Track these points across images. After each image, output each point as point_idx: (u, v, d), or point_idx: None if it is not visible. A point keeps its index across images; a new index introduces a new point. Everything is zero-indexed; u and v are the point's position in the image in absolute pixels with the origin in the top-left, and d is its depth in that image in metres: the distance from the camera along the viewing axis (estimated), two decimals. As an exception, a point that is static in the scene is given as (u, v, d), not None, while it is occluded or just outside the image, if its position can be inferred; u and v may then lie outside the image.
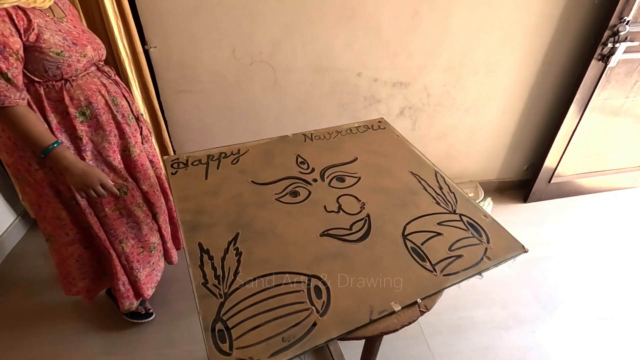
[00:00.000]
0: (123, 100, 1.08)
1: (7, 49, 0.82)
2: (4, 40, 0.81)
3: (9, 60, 0.82)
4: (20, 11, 0.85)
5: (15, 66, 0.84)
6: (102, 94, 1.02)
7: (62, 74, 0.94)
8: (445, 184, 1.06)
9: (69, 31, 0.94)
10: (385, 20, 1.46)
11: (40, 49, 0.88)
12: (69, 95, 0.96)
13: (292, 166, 1.08)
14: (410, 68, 1.60)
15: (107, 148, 1.06)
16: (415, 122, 1.79)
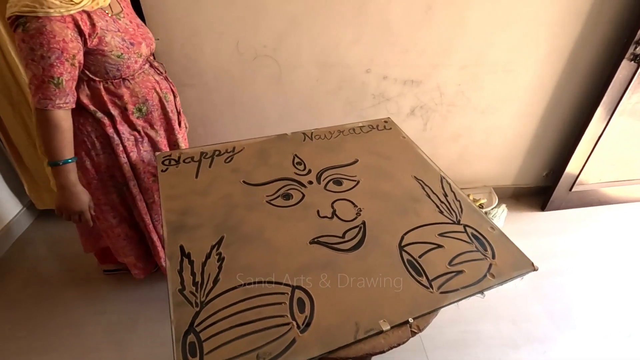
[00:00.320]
0: (171, 95, 1.14)
1: (65, 54, 0.84)
2: (64, 45, 0.83)
3: (64, 65, 0.85)
4: (85, 15, 0.87)
5: (68, 71, 0.86)
6: (157, 91, 1.08)
7: (121, 74, 0.99)
8: (451, 191, 0.98)
9: (126, 29, 0.98)
10: (396, 14, 1.38)
11: (102, 52, 0.92)
12: (129, 91, 1.02)
13: (287, 167, 1.03)
14: (422, 65, 1.52)
15: (159, 142, 1.14)
16: (427, 123, 1.70)
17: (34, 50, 0.81)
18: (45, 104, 0.86)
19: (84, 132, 1.03)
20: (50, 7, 0.80)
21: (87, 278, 1.53)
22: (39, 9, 0.79)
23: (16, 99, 1.43)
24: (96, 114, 1.01)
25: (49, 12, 0.80)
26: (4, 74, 1.36)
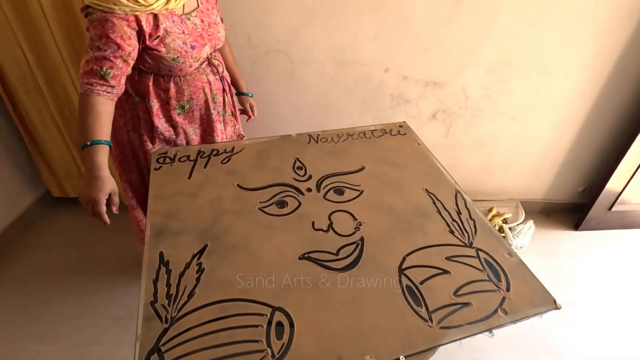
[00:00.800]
0: (221, 96, 1.11)
1: (120, 50, 0.86)
2: (121, 42, 0.85)
3: (116, 60, 0.86)
4: (150, 15, 0.88)
5: (119, 66, 0.87)
6: (205, 92, 1.06)
7: (173, 74, 0.99)
8: (465, 208, 0.88)
9: (193, 30, 0.97)
10: (420, 9, 1.27)
11: (159, 52, 0.92)
12: (176, 88, 1.01)
13: (287, 171, 0.95)
14: (446, 66, 1.40)
15: (193, 140, 1.11)
16: (450, 128, 1.58)
17: (92, 40, 0.85)
18: (85, 89, 0.86)
19: (123, 107, 1.04)
20: (115, 4, 0.82)
21: (96, 269, 1.54)
22: (103, 4, 0.82)
23: (32, 87, 1.44)
24: (136, 98, 1.01)
25: (113, 9, 0.83)
26: (21, 63, 1.38)
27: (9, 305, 1.40)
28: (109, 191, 0.86)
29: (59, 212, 1.82)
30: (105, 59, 0.85)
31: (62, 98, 1.48)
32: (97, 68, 0.85)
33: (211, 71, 1.07)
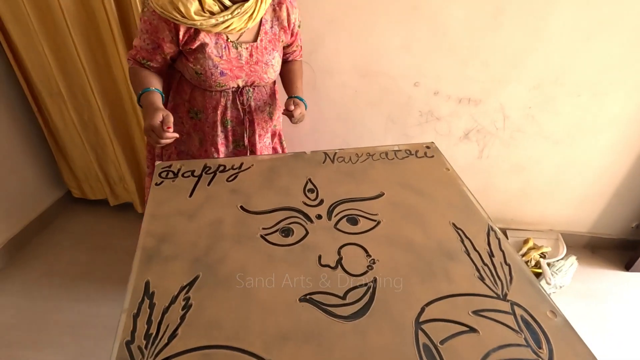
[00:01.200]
0: (238, 127, 1.08)
1: (160, 49, 0.94)
2: (162, 43, 0.92)
3: (156, 56, 0.95)
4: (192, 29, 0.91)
5: (158, 60, 0.96)
6: (217, 113, 1.05)
7: (193, 84, 1.03)
8: (499, 250, 0.75)
9: (232, 59, 0.97)
10: (456, 18, 1.15)
11: (187, 59, 0.96)
12: (190, 94, 1.04)
13: (296, 193, 0.86)
14: (484, 81, 1.27)
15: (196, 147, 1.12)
16: (484, 149, 1.43)
17: (141, 32, 0.93)
18: (130, 63, 0.99)
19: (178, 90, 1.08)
20: (162, 8, 0.85)
21: (104, 276, 1.52)
22: (156, 5, 0.86)
23: (55, 90, 1.45)
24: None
25: (162, 13, 0.86)
26: (45, 65, 1.38)
27: (15, 307, 1.40)
28: (162, 115, 0.87)
29: (76, 213, 1.83)
30: (147, 52, 0.95)
31: (81, 102, 1.48)
32: (139, 57, 0.97)
33: (235, 99, 1.04)
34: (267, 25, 0.99)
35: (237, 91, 1.04)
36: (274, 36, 1.01)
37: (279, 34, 1.01)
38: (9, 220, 1.59)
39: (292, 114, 1.02)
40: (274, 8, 0.99)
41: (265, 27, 0.99)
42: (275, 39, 1.01)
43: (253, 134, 1.11)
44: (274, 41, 1.01)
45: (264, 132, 1.14)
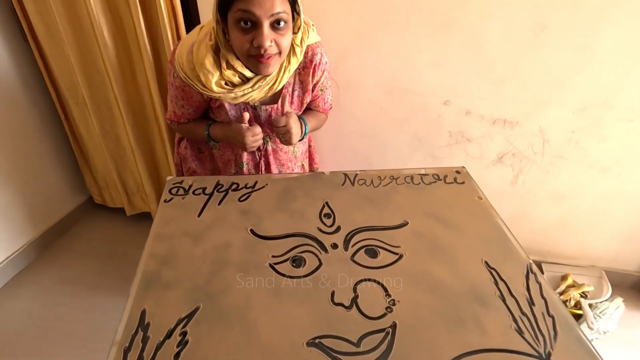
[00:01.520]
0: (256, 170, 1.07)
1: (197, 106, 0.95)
2: (197, 105, 0.94)
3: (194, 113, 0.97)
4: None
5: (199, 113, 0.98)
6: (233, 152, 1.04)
7: None
8: (540, 297, 0.65)
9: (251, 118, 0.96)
10: (494, 34, 1.07)
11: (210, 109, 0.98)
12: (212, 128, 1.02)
13: (311, 217, 0.80)
14: (521, 102, 1.17)
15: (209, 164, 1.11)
16: (519, 175, 1.32)
17: (176, 97, 0.93)
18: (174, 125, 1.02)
19: None
20: (186, 75, 0.85)
21: (115, 287, 1.50)
22: (180, 70, 0.86)
23: (80, 99, 1.47)
24: None
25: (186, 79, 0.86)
26: (72, 74, 1.41)
27: (26, 313, 1.39)
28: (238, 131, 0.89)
29: (96, 220, 1.84)
30: (188, 114, 0.97)
31: (104, 111, 1.49)
32: (184, 120, 0.99)
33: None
34: (290, 88, 0.95)
35: None
36: (297, 99, 0.96)
37: (302, 97, 0.97)
38: (31, 224, 1.61)
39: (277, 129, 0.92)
40: (298, 72, 0.94)
41: (288, 90, 0.94)
42: (297, 101, 0.97)
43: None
44: (296, 103, 0.97)
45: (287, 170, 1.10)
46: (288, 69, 0.86)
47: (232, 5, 0.73)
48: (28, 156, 1.55)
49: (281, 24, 0.75)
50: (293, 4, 0.78)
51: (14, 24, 1.38)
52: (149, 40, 1.26)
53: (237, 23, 0.74)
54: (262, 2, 0.71)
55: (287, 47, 0.80)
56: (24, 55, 1.45)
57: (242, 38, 0.76)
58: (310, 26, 0.89)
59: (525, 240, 1.46)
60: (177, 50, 0.87)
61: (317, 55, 0.92)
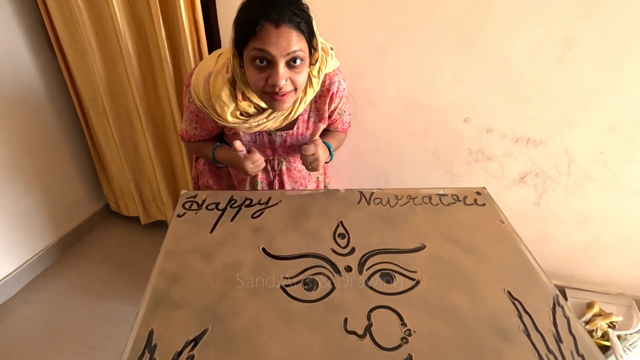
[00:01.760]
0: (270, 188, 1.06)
1: (209, 130, 0.96)
2: (211, 129, 0.95)
3: (206, 136, 0.99)
4: None
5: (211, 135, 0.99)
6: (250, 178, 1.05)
7: None
8: (569, 333, 0.61)
9: (262, 144, 0.97)
10: (518, 51, 1.04)
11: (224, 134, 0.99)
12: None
13: (325, 237, 0.77)
14: (547, 121, 1.12)
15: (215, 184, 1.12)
16: (543, 196, 1.27)
17: (190, 119, 0.94)
18: (185, 142, 1.04)
19: None
20: (202, 103, 0.86)
21: (127, 295, 1.50)
22: (196, 98, 0.87)
23: (100, 109, 1.50)
24: None
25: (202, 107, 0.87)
26: (94, 85, 1.44)
27: (39, 318, 1.41)
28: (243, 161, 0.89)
29: (112, 227, 1.87)
30: (200, 135, 0.98)
31: (124, 121, 1.52)
32: (194, 139, 1.00)
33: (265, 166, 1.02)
34: (306, 115, 0.93)
35: (267, 160, 1.01)
36: (313, 124, 0.95)
37: (317, 123, 0.95)
38: (50, 229, 1.64)
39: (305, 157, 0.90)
40: (315, 100, 0.92)
41: (304, 117, 0.93)
42: (313, 127, 0.95)
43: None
44: (311, 128, 0.95)
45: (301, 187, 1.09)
46: (304, 99, 0.85)
47: (248, 43, 0.72)
48: (51, 163, 1.58)
49: (297, 62, 0.74)
50: (310, 40, 0.76)
51: (42, 35, 1.43)
52: (170, 54, 1.28)
53: (253, 61, 0.73)
54: (277, 42, 0.70)
55: (302, 84, 0.79)
56: (50, 66, 1.50)
57: (257, 76, 0.75)
58: (328, 53, 0.86)
59: (549, 263, 1.39)
60: (194, 78, 0.87)
61: (335, 83, 0.89)
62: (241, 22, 0.73)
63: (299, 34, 0.72)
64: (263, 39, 0.70)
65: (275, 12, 0.69)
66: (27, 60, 1.42)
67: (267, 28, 0.70)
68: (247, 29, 0.71)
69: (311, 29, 0.75)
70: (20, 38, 1.39)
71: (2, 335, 1.34)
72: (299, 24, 0.72)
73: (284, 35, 0.70)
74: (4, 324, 1.38)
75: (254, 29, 0.70)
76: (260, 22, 0.69)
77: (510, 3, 0.99)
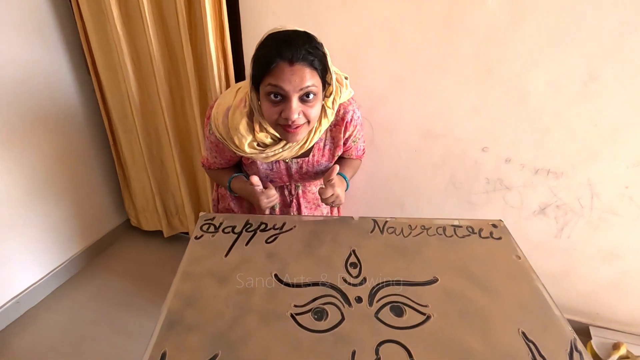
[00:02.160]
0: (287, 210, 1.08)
1: (229, 159, 1.00)
2: (230, 157, 0.99)
3: (226, 164, 1.02)
4: None
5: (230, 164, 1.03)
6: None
7: None
8: (587, 382, 0.58)
9: (279, 171, 0.99)
10: (538, 83, 1.04)
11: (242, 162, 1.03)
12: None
13: (337, 265, 0.78)
14: (568, 153, 1.10)
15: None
16: (564, 228, 1.23)
17: (210, 149, 0.99)
18: (205, 168, 1.08)
19: None
20: (221, 135, 0.90)
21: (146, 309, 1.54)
22: (216, 130, 0.91)
23: (129, 127, 1.59)
24: None
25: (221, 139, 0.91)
26: (125, 105, 1.53)
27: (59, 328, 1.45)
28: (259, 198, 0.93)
29: (133, 241, 1.93)
30: (220, 163, 1.02)
31: (152, 138, 1.60)
32: (214, 167, 1.04)
33: (283, 191, 1.05)
34: (321, 143, 0.96)
35: (284, 186, 1.05)
36: (328, 152, 0.97)
37: (333, 150, 0.97)
38: (76, 240, 1.71)
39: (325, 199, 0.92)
40: (330, 129, 0.94)
41: (319, 144, 0.96)
42: (328, 154, 0.98)
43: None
44: (327, 156, 0.98)
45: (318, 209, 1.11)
46: (319, 129, 0.88)
47: (263, 78, 0.76)
48: (81, 177, 1.67)
49: (310, 97, 0.77)
50: (323, 75, 0.79)
51: (82, 58, 1.54)
52: (197, 82, 1.37)
53: (268, 95, 0.77)
54: (291, 79, 0.73)
55: (315, 117, 0.81)
56: (85, 86, 1.60)
57: (271, 109, 0.78)
58: (343, 84, 0.89)
59: (571, 299, 1.34)
60: (214, 111, 0.92)
61: (349, 112, 0.92)
62: (258, 60, 0.76)
63: (312, 70, 0.75)
64: (277, 75, 0.73)
65: (290, 51, 0.72)
66: (67, 80, 1.53)
67: (281, 66, 0.73)
68: (263, 66, 0.74)
69: (325, 65, 0.78)
70: (63, 60, 1.50)
71: (25, 342, 1.40)
72: (313, 61, 0.75)
73: (298, 72, 0.73)
74: (28, 330, 1.44)
75: (269, 67, 0.73)
76: (275, 60, 0.73)
77: (532, 38, 0.99)
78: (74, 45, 1.52)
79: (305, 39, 0.75)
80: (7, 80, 1.31)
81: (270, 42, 0.75)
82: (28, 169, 1.44)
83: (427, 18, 1.05)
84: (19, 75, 1.35)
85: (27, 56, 1.37)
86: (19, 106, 1.36)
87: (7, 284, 1.48)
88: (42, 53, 1.41)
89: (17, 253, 1.48)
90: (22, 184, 1.44)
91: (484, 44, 1.04)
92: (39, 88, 1.43)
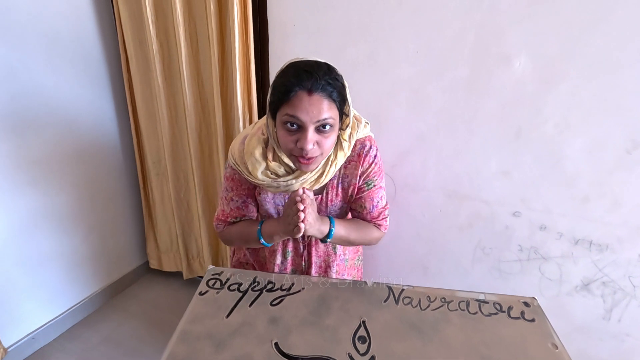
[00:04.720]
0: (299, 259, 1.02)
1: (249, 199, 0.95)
2: (247, 194, 0.94)
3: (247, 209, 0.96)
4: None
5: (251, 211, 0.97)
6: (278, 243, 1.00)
7: None
8: None
9: None
10: (575, 148, 0.97)
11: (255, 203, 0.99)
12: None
13: (344, 338, 0.71)
14: (612, 224, 1.00)
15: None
16: (613, 309, 1.08)
17: (227, 190, 0.95)
18: (220, 229, 0.99)
19: None
20: (236, 160, 0.89)
21: (155, 357, 1.48)
22: (231, 157, 0.90)
23: (162, 170, 1.66)
24: None
25: (235, 166, 0.90)
26: (160, 151, 1.62)
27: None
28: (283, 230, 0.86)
29: (150, 283, 1.94)
30: (239, 209, 0.95)
31: (181, 182, 1.67)
32: (231, 219, 0.96)
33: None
34: (335, 181, 0.92)
35: None
36: (342, 191, 0.93)
37: (347, 189, 0.93)
38: (96, 279, 1.74)
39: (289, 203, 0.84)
40: (345, 165, 0.90)
41: (333, 182, 0.92)
42: (342, 193, 0.94)
43: (310, 267, 1.02)
44: (340, 195, 0.93)
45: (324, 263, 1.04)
46: (335, 162, 0.85)
47: (281, 107, 0.76)
48: (110, 216, 1.74)
49: (326, 128, 0.76)
50: (341, 107, 0.79)
51: (124, 106, 1.67)
52: (225, 129, 1.44)
53: (284, 124, 0.77)
54: (309, 109, 0.73)
55: (329, 148, 0.80)
56: (124, 131, 1.72)
57: (287, 138, 0.78)
58: (361, 122, 0.89)
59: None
60: (232, 142, 0.93)
61: (366, 147, 0.89)
62: (277, 87, 0.77)
63: (331, 102, 0.75)
64: (295, 105, 0.73)
65: (309, 82, 0.72)
66: (110, 125, 1.66)
67: (300, 95, 0.73)
68: (282, 94, 0.75)
69: (343, 96, 0.78)
70: (109, 106, 1.64)
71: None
72: (331, 93, 0.75)
73: (316, 103, 0.73)
74: (36, 371, 1.43)
75: (287, 95, 0.74)
76: (294, 89, 0.73)
77: (564, 102, 0.95)
78: (119, 94, 1.66)
79: (326, 70, 0.75)
80: (60, 118, 1.45)
81: (291, 70, 0.76)
82: (60, 204, 1.52)
83: (451, 77, 1.04)
84: (71, 115, 1.49)
85: (80, 99, 1.51)
86: (64, 144, 1.48)
87: (27, 319, 1.50)
88: (92, 98, 1.56)
89: (42, 287, 1.52)
90: (52, 218, 1.51)
91: (511, 105, 1.00)
92: (85, 130, 1.56)
